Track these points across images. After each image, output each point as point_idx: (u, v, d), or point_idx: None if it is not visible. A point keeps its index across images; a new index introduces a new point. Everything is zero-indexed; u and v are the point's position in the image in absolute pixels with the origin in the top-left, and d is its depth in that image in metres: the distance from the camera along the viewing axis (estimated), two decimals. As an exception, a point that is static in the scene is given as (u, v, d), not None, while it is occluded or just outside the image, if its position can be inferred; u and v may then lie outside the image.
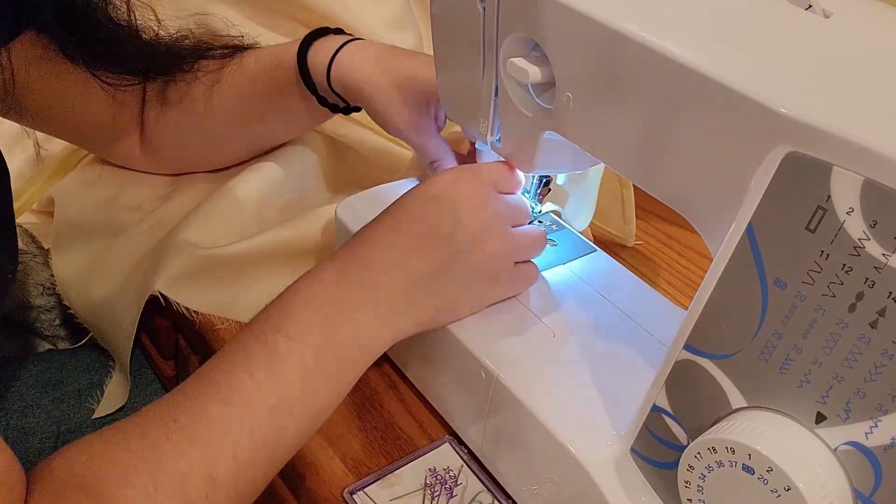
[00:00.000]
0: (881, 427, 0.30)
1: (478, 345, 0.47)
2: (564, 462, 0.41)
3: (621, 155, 0.40)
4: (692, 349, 0.35)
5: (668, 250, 0.69)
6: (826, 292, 0.30)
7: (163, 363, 0.66)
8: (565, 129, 0.43)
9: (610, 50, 0.37)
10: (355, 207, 0.57)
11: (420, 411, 0.54)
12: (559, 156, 0.49)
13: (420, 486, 0.48)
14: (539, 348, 0.47)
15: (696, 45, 0.35)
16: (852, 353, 0.30)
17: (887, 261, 0.28)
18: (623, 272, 0.56)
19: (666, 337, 0.48)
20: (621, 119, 0.39)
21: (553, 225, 0.59)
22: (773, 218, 0.31)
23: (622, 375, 0.46)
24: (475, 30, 0.46)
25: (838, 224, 0.29)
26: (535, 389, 0.44)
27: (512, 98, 0.46)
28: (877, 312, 0.29)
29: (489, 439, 0.48)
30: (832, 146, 0.28)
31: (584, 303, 0.51)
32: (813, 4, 0.36)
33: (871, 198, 0.28)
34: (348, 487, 0.47)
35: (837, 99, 0.31)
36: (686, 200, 0.38)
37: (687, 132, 0.35)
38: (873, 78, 0.32)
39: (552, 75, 0.42)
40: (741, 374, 0.34)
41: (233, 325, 0.58)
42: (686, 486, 0.35)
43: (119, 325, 0.61)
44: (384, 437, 0.51)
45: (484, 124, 0.50)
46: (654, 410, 0.38)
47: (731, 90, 0.32)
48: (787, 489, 0.30)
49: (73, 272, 0.64)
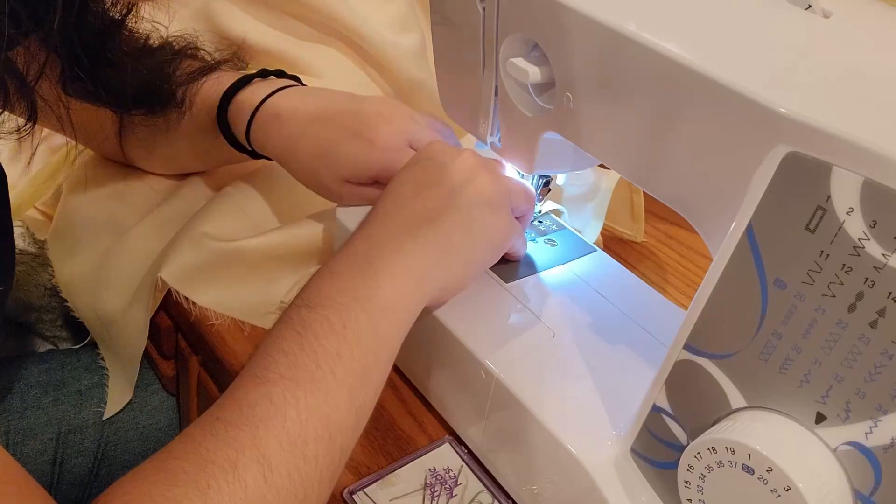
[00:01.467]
0: (881, 427, 0.30)
1: (478, 345, 0.47)
2: (564, 462, 0.42)
3: (621, 155, 0.40)
4: (692, 349, 0.35)
5: (668, 250, 0.69)
6: (826, 292, 0.30)
7: (163, 363, 0.66)
8: (565, 129, 0.43)
9: (610, 50, 0.37)
10: (355, 208, 0.57)
11: (420, 411, 0.54)
12: (559, 156, 0.49)
13: (420, 486, 0.48)
14: (539, 348, 0.47)
15: (696, 45, 0.35)
16: (852, 353, 0.30)
17: (887, 261, 0.28)
18: (623, 272, 0.56)
19: (666, 337, 0.48)
20: (621, 119, 0.39)
21: (553, 225, 0.59)
22: (773, 218, 0.31)
23: (622, 375, 0.46)
24: (475, 30, 0.46)
25: (838, 224, 0.29)
26: (535, 389, 0.44)
27: (512, 98, 0.46)
28: (877, 312, 0.29)
29: (489, 439, 0.48)
30: (832, 146, 0.28)
31: (584, 303, 0.51)
32: (813, 4, 0.36)
33: (871, 198, 0.28)
34: (348, 487, 0.47)
35: (837, 99, 0.31)
36: (686, 200, 0.38)
37: (687, 132, 0.35)
38: (873, 78, 0.32)
39: (552, 75, 0.42)
40: (741, 374, 0.34)
41: (228, 320, 0.58)
42: (686, 486, 0.35)
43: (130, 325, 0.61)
44: (384, 437, 0.51)
45: (484, 124, 0.50)
46: (654, 410, 0.38)
47: (731, 90, 0.32)
48: (787, 489, 0.30)
49: (77, 275, 0.64)
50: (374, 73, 0.78)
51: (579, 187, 0.68)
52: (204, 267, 0.58)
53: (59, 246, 0.66)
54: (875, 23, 0.37)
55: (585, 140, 0.42)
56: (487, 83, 0.48)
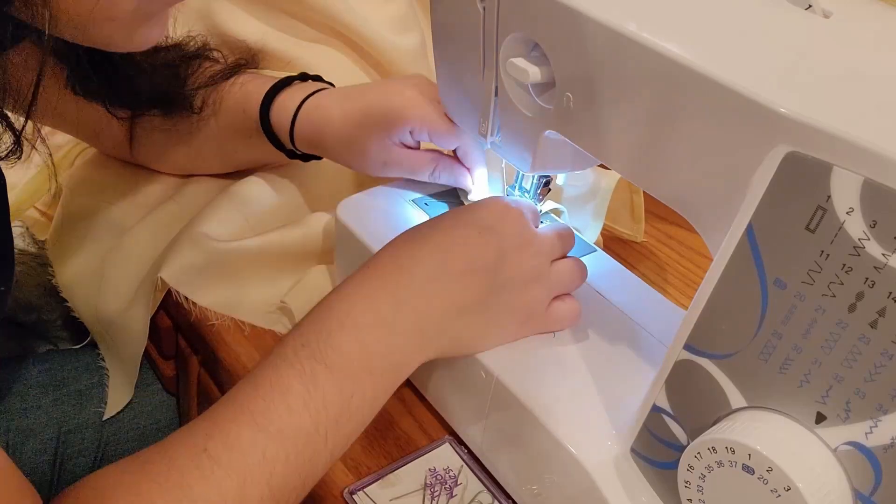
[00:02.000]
0: (881, 427, 0.30)
1: (478, 345, 0.47)
2: (564, 462, 0.41)
3: (621, 155, 0.40)
4: (692, 349, 0.35)
5: (668, 250, 0.69)
6: (826, 292, 0.30)
7: (163, 363, 0.66)
8: (565, 128, 0.43)
9: (610, 50, 0.37)
10: (355, 208, 0.57)
11: (420, 411, 0.54)
12: (559, 156, 0.49)
13: (420, 486, 0.48)
14: (539, 348, 0.47)
15: (696, 45, 0.35)
16: (852, 353, 0.30)
17: (887, 261, 0.28)
18: (623, 272, 0.56)
19: (666, 337, 0.48)
20: (621, 119, 0.39)
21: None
22: (773, 218, 0.31)
23: (622, 375, 0.46)
24: (475, 30, 0.46)
25: (838, 224, 0.29)
26: (535, 389, 0.44)
27: (512, 98, 0.46)
28: (877, 312, 0.29)
29: (489, 439, 0.48)
30: (832, 146, 0.28)
31: (584, 303, 0.51)
32: (813, 4, 0.36)
33: (871, 198, 0.28)
34: (348, 487, 0.47)
35: (837, 99, 0.31)
36: (686, 200, 0.38)
37: (687, 132, 0.35)
38: (873, 78, 0.32)
39: (552, 75, 0.42)
40: (741, 374, 0.34)
41: (228, 321, 0.58)
42: (686, 486, 0.35)
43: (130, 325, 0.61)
44: (384, 437, 0.51)
45: (484, 124, 0.50)
46: (654, 410, 0.38)
47: (731, 90, 0.32)
48: (787, 489, 0.30)
49: (77, 275, 0.64)
50: (374, 72, 0.78)
51: (579, 187, 0.68)
52: (204, 267, 0.58)
53: (58, 246, 0.66)
54: (875, 23, 0.37)
55: (585, 140, 0.42)
56: (487, 83, 0.48)
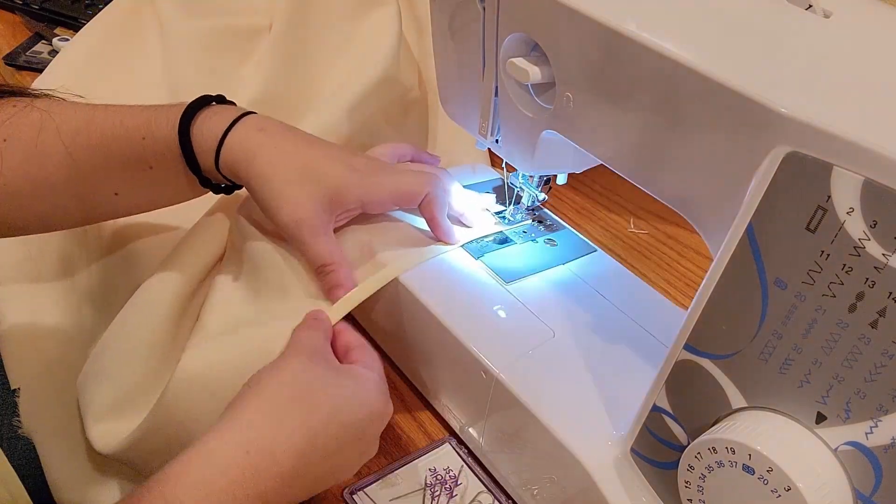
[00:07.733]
0: (881, 427, 0.30)
1: (478, 345, 0.47)
2: (564, 462, 0.42)
3: (621, 155, 0.40)
4: (692, 349, 0.35)
5: (668, 250, 0.69)
6: (826, 292, 0.30)
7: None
8: (565, 128, 0.43)
9: (610, 50, 0.37)
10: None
11: (420, 411, 0.54)
12: (559, 155, 0.49)
13: (420, 486, 0.48)
14: (539, 348, 0.47)
15: (696, 45, 0.35)
16: (852, 353, 0.30)
17: (887, 261, 0.28)
18: (623, 272, 0.56)
19: (666, 337, 0.48)
20: (621, 119, 0.39)
21: (553, 225, 0.59)
22: (773, 218, 0.31)
23: (622, 375, 0.46)
24: (475, 30, 0.46)
25: (838, 224, 0.29)
26: (535, 389, 0.44)
27: (512, 98, 0.46)
28: (877, 312, 0.29)
29: (489, 439, 0.48)
30: (832, 146, 0.28)
31: (584, 303, 0.51)
32: (813, 4, 0.36)
33: (871, 198, 0.28)
34: (348, 487, 0.47)
35: (837, 99, 0.31)
36: (686, 200, 0.38)
37: (687, 132, 0.35)
38: (873, 78, 0.32)
39: (552, 75, 0.42)
40: (741, 374, 0.34)
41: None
42: (686, 486, 0.35)
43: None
44: (384, 437, 0.51)
45: (484, 124, 0.50)
46: (654, 410, 0.38)
47: (731, 90, 0.32)
48: (788, 489, 0.30)
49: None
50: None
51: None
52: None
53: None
54: (875, 23, 0.37)
55: (585, 140, 0.42)
56: (487, 83, 0.48)
